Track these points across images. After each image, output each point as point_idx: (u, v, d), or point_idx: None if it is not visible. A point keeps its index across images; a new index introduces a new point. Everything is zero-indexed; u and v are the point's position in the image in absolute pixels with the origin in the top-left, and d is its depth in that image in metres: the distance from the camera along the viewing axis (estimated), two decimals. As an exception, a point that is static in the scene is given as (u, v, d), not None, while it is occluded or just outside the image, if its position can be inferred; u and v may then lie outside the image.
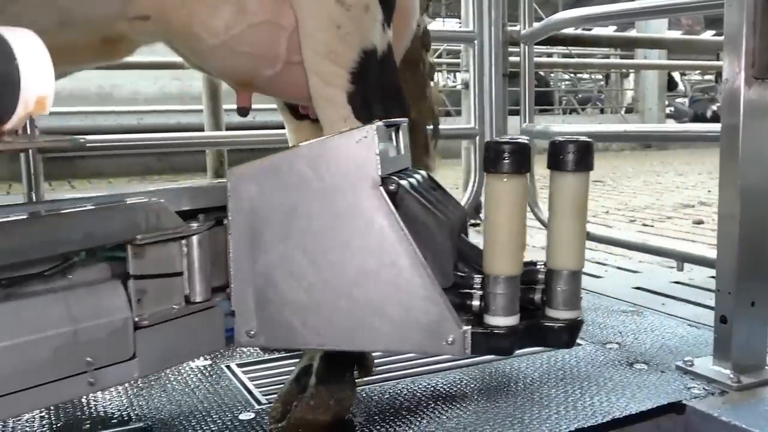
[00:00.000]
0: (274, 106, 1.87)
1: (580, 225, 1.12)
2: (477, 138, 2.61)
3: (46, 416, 1.50)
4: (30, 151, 2.16)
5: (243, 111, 1.61)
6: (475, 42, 2.57)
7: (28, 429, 1.44)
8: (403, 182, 1.12)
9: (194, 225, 1.13)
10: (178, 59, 1.62)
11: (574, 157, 1.09)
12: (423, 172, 1.27)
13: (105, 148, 2.49)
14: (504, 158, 1.06)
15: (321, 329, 1.13)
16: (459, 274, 1.13)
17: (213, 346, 1.21)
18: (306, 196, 1.11)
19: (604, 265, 3.07)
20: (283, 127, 2.03)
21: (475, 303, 1.10)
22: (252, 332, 1.15)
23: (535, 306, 1.13)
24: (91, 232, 1.01)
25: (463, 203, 2.71)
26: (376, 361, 1.76)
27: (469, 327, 1.08)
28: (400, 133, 1.24)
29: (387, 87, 1.52)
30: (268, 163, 1.13)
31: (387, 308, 1.10)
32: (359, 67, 1.43)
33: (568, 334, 1.12)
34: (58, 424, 1.46)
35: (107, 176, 7.83)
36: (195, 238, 1.13)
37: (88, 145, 2.44)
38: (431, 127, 1.89)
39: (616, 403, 1.50)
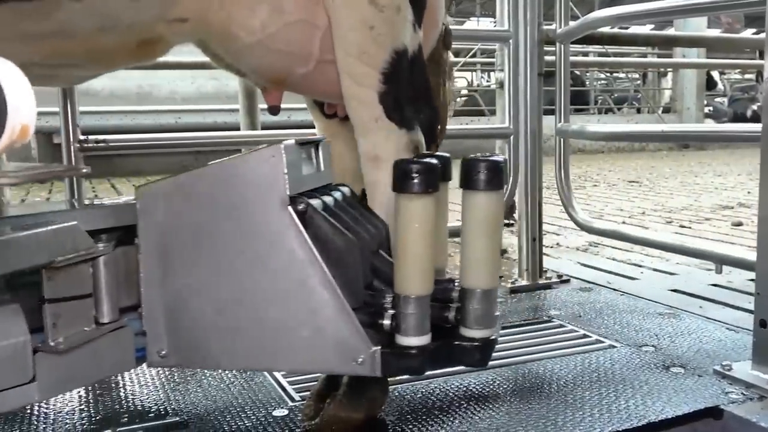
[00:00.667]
0: (302, 105, 1.89)
1: (492, 244, 1.12)
2: (512, 137, 2.59)
3: (86, 409, 1.54)
4: (72, 150, 2.21)
5: (274, 110, 1.63)
6: (510, 41, 2.56)
7: (68, 421, 1.48)
8: (314, 201, 1.12)
9: (100, 246, 1.11)
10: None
11: (486, 176, 1.09)
12: (345, 189, 1.28)
13: (144, 147, 2.54)
14: (411, 178, 1.06)
15: (232, 350, 1.13)
16: (371, 293, 1.13)
17: (122, 366, 1.19)
18: (216, 215, 1.11)
19: (640, 266, 3.03)
20: (310, 126, 2.05)
21: (386, 322, 1.10)
22: (163, 352, 1.15)
23: (450, 324, 1.13)
24: (5, 257, 0.97)
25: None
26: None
27: (379, 347, 1.08)
28: (320, 149, 1.25)
29: (417, 87, 1.52)
30: (177, 181, 1.13)
31: (298, 328, 1.10)
32: (391, 67, 1.44)
33: (480, 354, 1.12)
34: (97, 417, 1.50)
35: (146, 174, 7.97)
36: (101, 259, 1.11)
37: (127, 144, 2.49)
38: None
39: (651, 407, 1.48)
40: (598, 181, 7.21)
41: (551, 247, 3.51)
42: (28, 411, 1.53)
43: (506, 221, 4.04)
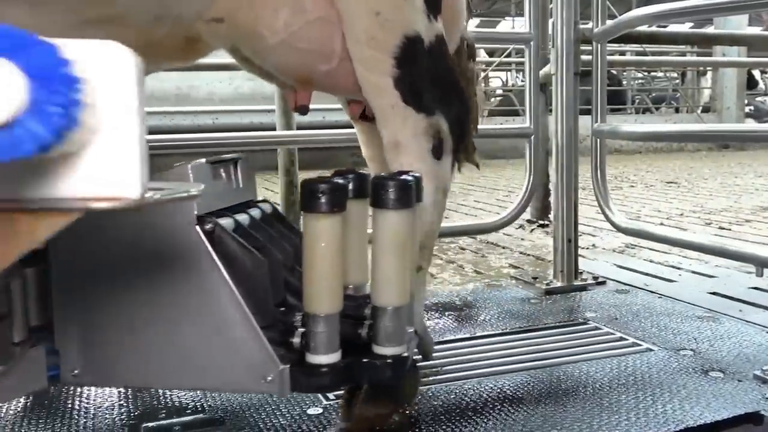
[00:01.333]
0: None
1: (402, 261, 1.12)
2: (532, 137, 2.58)
3: (125, 404, 1.57)
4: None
5: (302, 109, 1.64)
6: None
7: (108, 416, 1.51)
8: (224, 220, 1.13)
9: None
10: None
11: (394, 195, 1.09)
12: (265, 206, 1.29)
13: (182, 147, 2.58)
14: (317, 198, 1.06)
15: (143, 369, 1.12)
16: (282, 310, 1.13)
17: (34, 385, 1.16)
18: (126, 234, 1.10)
19: (678, 269, 2.98)
20: (352, 127, 2.06)
21: (296, 340, 1.10)
22: (76, 372, 1.14)
23: (363, 341, 1.13)
24: None
25: (518, 201, 2.68)
26: (442, 360, 1.77)
27: (288, 366, 1.07)
28: (239, 167, 1.26)
29: (440, 78, 1.52)
30: None
31: (208, 348, 1.09)
32: (402, 53, 1.44)
33: (391, 371, 1.12)
34: (136, 413, 1.53)
35: (182, 174, 8.09)
36: (14, 279, 1.07)
37: (167, 144, 2.54)
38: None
39: (689, 412, 1.46)
40: (635, 181, 7.10)
41: (587, 248, 3.47)
42: (69, 406, 1.57)
43: (541, 222, 4.01)
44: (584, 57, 2.61)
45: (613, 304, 2.31)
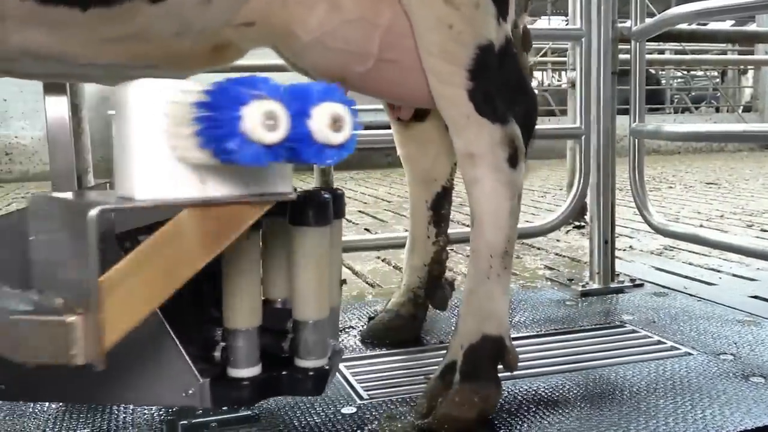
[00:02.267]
0: (378, 106, 1.91)
1: (320, 276, 1.13)
2: (583, 138, 2.54)
3: (164, 400, 1.59)
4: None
5: None
6: (583, 40, 2.51)
7: (146, 412, 1.54)
8: (143, 238, 1.08)
9: None
10: (280, 61, 1.68)
11: (311, 213, 1.10)
12: None
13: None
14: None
15: (64, 386, 1.12)
16: (206, 326, 1.15)
17: None
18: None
19: (718, 272, 2.92)
20: (386, 127, 2.06)
21: (217, 354, 1.13)
22: (2, 387, 1.14)
23: (286, 354, 1.15)
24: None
25: (567, 204, 2.66)
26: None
27: (208, 379, 1.08)
28: None
29: (509, 80, 1.50)
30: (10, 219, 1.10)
31: (131, 363, 1.08)
32: (476, 64, 1.42)
33: (312, 383, 1.14)
34: (174, 408, 1.55)
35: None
36: None
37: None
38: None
39: (729, 417, 1.43)
40: (674, 182, 6.98)
41: (624, 250, 3.42)
42: (110, 400, 1.60)
43: (577, 223, 3.96)
44: (621, 56, 2.57)
45: (651, 306, 2.27)
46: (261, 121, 0.86)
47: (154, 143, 0.94)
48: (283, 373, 1.15)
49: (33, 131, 9.47)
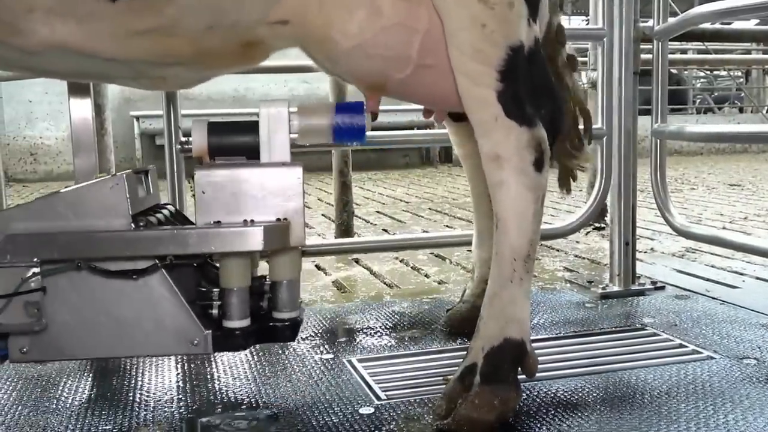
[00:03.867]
0: (399, 106, 1.92)
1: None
2: (604, 139, 2.52)
3: (183, 398, 1.61)
4: (174, 151, 2.33)
5: (373, 116, 1.64)
6: (605, 39, 2.48)
7: (167, 409, 1.56)
8: (151, 218, 1.39)
9: None
10: (307, 62, 1.67)
11: None
12: (171, 207, 1.56)
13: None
14: None
15: (85, 343, 1.37)
16: (201, 289, 1.40)
17: None
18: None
19: (741, 275, 2.88)
20: (405, 128, 2.07)
21: (215, 311, 1.38)
22: (24, 349, 1.36)
23: (265, 311, 1.44)
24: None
25: (588, 206, 2.64)
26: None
27: (210, 331, 1.36)
28: (149, 176, 1.53)
29: (537, 82, 1.50)
30: (36, 204, 1.35)
31: (142, 321, 1.36)
32: (507, 65, 1.42)
33: (290, 330, 1.43)
34: (193, 407, 1.57)
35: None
36: None
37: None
38: (581, 124, 1.85)
39: (753, 423, 1.41)
40: (696, 184, 6.89)
41: (645, 252, 3.39)
42: (131, 398, 1.61)
43: (597, 225, 3.93)
44: (643, 56, 2.54)
45: (673, 309, 2.25)
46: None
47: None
48: (269, 323, 1.42)
49: (57, 132, 9.60)
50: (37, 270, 1.31)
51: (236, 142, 1.43)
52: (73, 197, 1.35)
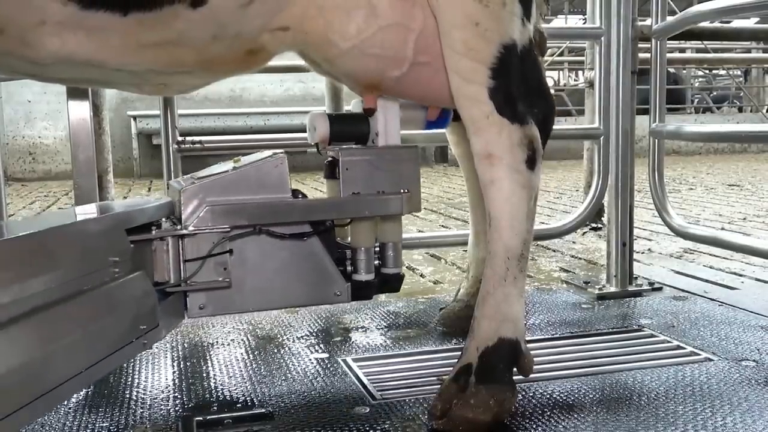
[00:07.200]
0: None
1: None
2: (601, 139, 2.51)
3: (179, 397, 1.60)
4: (170, 151, 2.32)
5: (369, 112, 1.65)
6: (602, 38, 2.48)
7: (163, 407, 1.55)
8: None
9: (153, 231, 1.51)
10: (303, 62, 1.68)
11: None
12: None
13: (235, 148, 2.62)
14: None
15: (255, 297, 1.59)
16: (338, 249, 1.66)
17: (176, 322, 1.59)
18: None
19: (740, 276, 2.87)
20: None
21: (349, 268, 1.66)
22: (202, 305, 1.55)
23: (377, 269, 1.69)
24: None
25: (585, 206, 2.63)
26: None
27: (349, 283, 1.64)
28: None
29: (530, 81, 1.50)
30: (224, 180, 1.56)
31: (302, 277, 1.61)
32: (499, 63, 1.42)
33: (398, 282, 1.72)
34: (189, 405, 1.56)
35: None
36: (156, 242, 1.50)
37: (220, 144, 2.59)
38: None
39: (752, 425, 1.40)
40: (695, 184, 6.89)
41: (642, 253, 3.38)
42: (127, 395, 1.61)
43: (594, 225, 3.92)
44: (641, 55, 2.53)
45: (670, 311, 2.24)
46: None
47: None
48: (385, 276, 1.70)
49: (56, 131, 9.60)
50: (227, 235, 1.52)
51: (352, 130, 1.69)
52: (250, 174, 1.57)
